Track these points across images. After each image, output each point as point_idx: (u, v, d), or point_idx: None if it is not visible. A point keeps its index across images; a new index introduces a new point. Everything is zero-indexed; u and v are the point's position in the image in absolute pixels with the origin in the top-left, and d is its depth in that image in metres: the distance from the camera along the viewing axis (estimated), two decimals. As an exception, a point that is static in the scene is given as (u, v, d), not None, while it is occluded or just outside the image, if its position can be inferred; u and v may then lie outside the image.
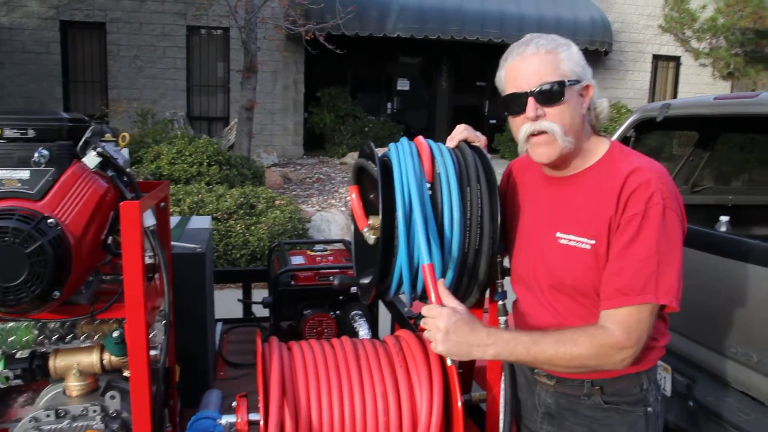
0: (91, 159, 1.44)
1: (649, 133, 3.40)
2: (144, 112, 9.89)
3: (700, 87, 13.65)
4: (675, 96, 13.91)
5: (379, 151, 1.60)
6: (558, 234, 1.47)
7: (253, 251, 6.08)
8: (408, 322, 2.61)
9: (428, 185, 1.50)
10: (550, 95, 1.39)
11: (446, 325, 1.32)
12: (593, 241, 1.39)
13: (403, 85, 13.95)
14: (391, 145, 1.59)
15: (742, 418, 2.24)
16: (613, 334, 1.31)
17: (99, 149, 1.45)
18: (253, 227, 6.28)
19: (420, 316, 2.70)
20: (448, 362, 1.39)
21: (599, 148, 1.49)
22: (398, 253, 1.46)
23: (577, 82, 1.42)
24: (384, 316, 2.92)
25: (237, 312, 3.65)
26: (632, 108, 12.62)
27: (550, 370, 1.43)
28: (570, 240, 1.44)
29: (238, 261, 6.06)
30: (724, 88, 13.07)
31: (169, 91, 11.57)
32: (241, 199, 6.60)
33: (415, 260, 1.46)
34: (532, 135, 1.42)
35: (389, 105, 13.92)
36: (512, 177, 1.68)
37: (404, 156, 1.51)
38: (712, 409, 2.33)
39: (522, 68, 1.42)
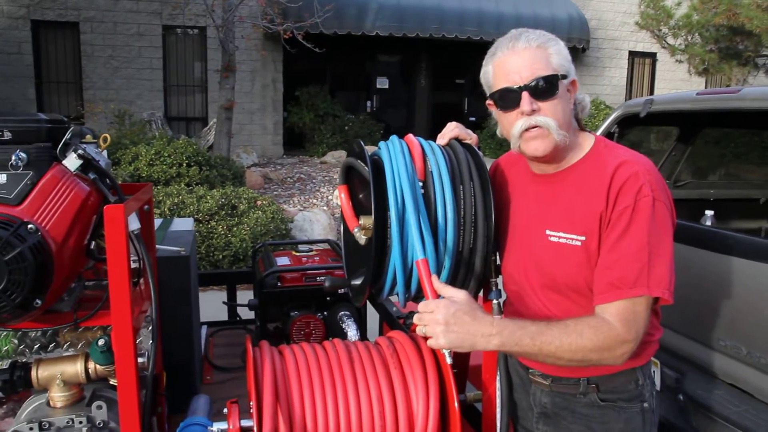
0: (71, 161, 1.39)
1: (632, 129, 3.41)
2: (121, 113, 9.72)
3: (676, 83, 13.84)
4: (651, 92, 14.09)
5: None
6: (548, 231, 1.45)
7: (235, 252, 6.00)
8: (397, 322, 2.59)
9: (420, 184, 1.47)
10: (545, 89, 1.38)
11: (445, 316, 1.28)
12: (583, 238, 1.38)
13: (382, 83, 13.91)
14: (381, 144, 1.56)
15: (732, 410, 2.25)
16: (615, 327, 1.30)
17: (80, 151, 1.40)
18: (235, 228, 6.20)
19: (410, 315, 2.70)
20: (447, 360, 1.34)
21: (585, 143, 1.48)
22: (391, 253, 1.43)
23: (566, 76, 1.41)
24: (372, 316, 2.90)
25: (220, 314, 3.59)
26: (610, 104, 12.76)
27: (550, 364, 1.40)
28: (560, 237, 1.42)
29: (220, 262, 5.98)
30: (698, 83, 13.26)
31: (145, 91, 11.40)
32: (223, 200, 6.51)
33: (409, 260, 1.44)
34: (526, 130, 1.40)
35: (368, 103, 13.87)
36: (498, 174, 1.66)
37: (395, 154, 1.48)
38: (702, 402, 2.34)
39: (514, 62, 1.40)
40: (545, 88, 1.38)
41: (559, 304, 1.45)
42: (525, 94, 1.38)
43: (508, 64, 1.41)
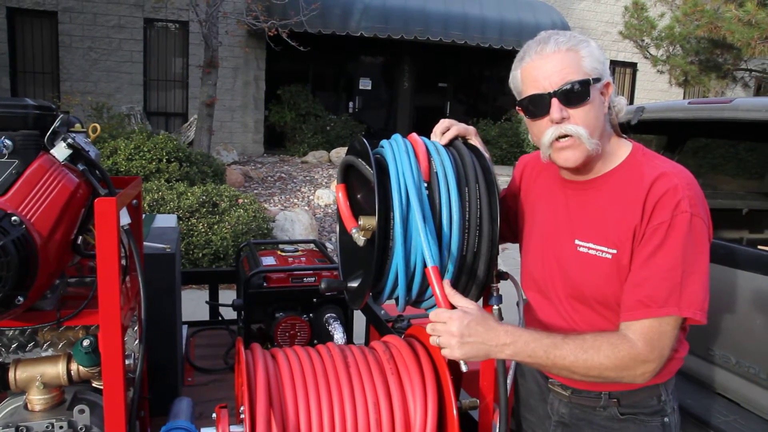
0: (60, 151, 1.32)
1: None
2: (99, 106, 9.51)
3: (655, 93, 14.06)
4: (631, 102, 14.28)
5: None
6: (577, 241, 1.40)
7: (216, 251, 5.89)
8: (386, 325, 2.54)
9: (425, 185, 1.42)
10: (575, 95, 1.31)
11: (459, 328, 1.23)
12: (615, 251, 1.32)
13: (364, 84, 13.88)
14: (384, 142, 1.52)
15: (721, 419, 2.25)
16: (636, 345, 1.25)
17: (69, 140, 1.32)
18: (216, 226, 6.08)
19: (398, 318, 2.65)
20: (463, 368, 1.29)
21: (621, 150, 1.41)
22: (394, 256, 1.38)
23: (599, 80, 1.34)
24: (358, 319, 2.85)
25: (199, 314, 3.51)
26: (591, 112, 12.82)
27: (566, 377, 1.36)
28: (590, 248, 1.37)
29: (200, 261, 5.86)
30: (678, 94, 13.48)
31: (124, 84, 11.19)
32: (204, 197, 6.39)
33: (412, 263, 1.39)
34: (556, 139, 1.34)
35: (350, 104, 13.83)
36: (526, 174, 1.60)
37: (400, 153, 1.43)
38: (691, 411, 2.33)
39: (542, 67, 1.33)
40: (576, 94, 1.30)
41: (584, 315, 1.41)
42: (554, 101, 1.31)
43: (537, 69, 1.34)
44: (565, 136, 1.33)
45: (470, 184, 1.43)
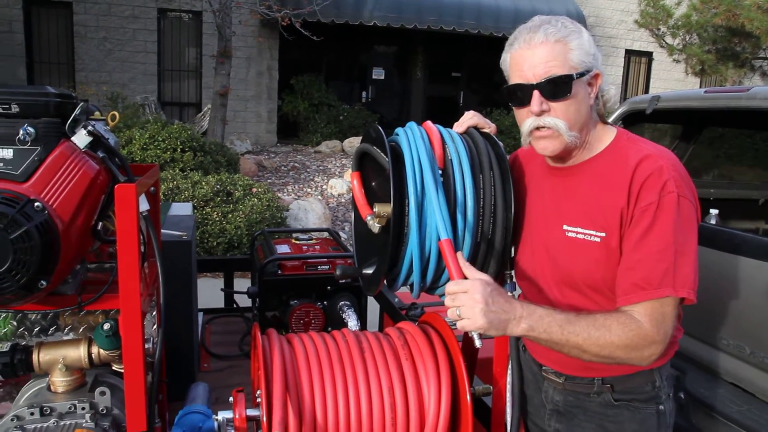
0: (81, 138, 1.34)
1: (637, 126, 3.39)
2: (114, 96, 9.58)
3: (671, 83, 13.88)
4: (647, 91, 14.11)
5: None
6: (565, 227, 1.40)
7: (230, 239, 5.94)
8: (400, 312, 2.56)
9: (440, 172, 1.43)
10: (557, 90, 1.32)
11: (484, 295, 1.21)
12: (603, 234, 1.33)
13: (378, 74, 13.84)
14: (399, 130, 1.53)
15: (734, 409, 2.25)
16: (644, 326, 1.25)
17: (90, 128, 1.35)
18: (230, 215, 6.12)
19: (412, 306, 2.67)
20: (477, 343, 1.25)
21: (605, 136, 1.42)
22: (409, 242, 1.40)
23: (586, 72, 1.34)
24: (372, 307, 2.87)
25: (215, 301, 3.55)
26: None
27: (575, 357, 1.32)
28: (578, 233, 1.37)
29: (215, 249, 5.91)
30: (694, 84, 13.30)
31: (139, 74, 11.24)
32: (218, 187, 6.43)
33: (427, 249, 1.41)
34: (536, 129, 1.36)
35: (364, 94, 13.79)
36: (517, 166, 1.61)
37: (415, 140, 1.44)
38: (704, 400, 2.34)
39: (528, 58, 1.33)
40: (558, 88, 1.31)
41: (574, 301, 1.41)
42: (536, 94, 1.32)
43: (523, 58, 1.34)
44: (544, 126, 1.34)
45: (484, 171, 1.44)
